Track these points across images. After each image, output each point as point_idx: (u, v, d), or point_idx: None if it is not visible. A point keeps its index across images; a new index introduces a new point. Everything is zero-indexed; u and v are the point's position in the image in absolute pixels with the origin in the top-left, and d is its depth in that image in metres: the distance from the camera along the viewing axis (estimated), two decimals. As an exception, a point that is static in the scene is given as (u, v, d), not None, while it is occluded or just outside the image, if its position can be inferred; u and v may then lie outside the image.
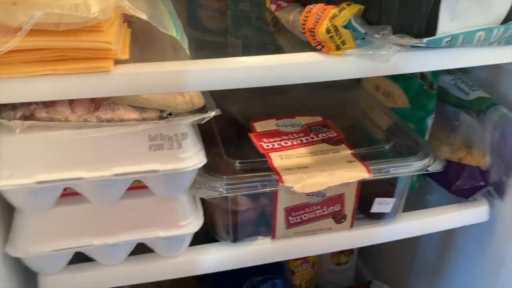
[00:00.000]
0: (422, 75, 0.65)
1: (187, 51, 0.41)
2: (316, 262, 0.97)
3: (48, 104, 0.43)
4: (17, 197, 0.45)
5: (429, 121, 0.65)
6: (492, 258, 0.70)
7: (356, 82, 0.77)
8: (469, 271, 0.75)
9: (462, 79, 0.66)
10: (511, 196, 0.65)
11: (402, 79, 0.69)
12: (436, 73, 0.62)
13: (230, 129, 0.65)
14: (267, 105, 0.73)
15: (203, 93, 0.50)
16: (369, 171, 0.53)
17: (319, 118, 0.65)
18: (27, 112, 0.42)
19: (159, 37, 0.55)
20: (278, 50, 0.62)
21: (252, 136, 0.60)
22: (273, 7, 0.61)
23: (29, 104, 0.43)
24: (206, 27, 0.78)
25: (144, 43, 0.51)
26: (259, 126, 0.63)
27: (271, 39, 0.67)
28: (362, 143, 0.61)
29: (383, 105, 0.70)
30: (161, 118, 0.44)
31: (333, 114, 0.67)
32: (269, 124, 0.63)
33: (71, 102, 0.43)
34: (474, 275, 0.74)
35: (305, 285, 0.98)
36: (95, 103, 0.44)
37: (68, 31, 0.39)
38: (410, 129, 0.64)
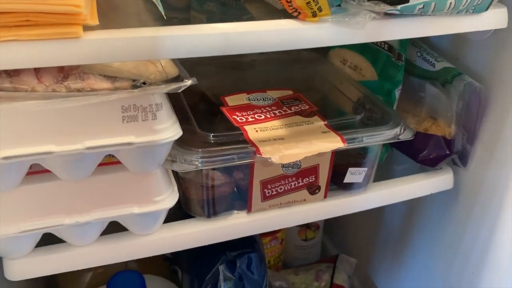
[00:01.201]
0: (389, 47, 0.66)
1: (163, 13, 0.39)
2: (284, 238, 0.98)
3: (12, 74, 0.40)
4: (-21, 175, 0.42)
5: (397, 93, 0.67)
6: (455, 224, 0.72)
7: (323, 56, 0.78)
8: (433, 239, 0.78)
9: (427, 50, 0.67)
10: (474, 164, 0.67)
11: (369, 52, 0.70)
12: (404, 44, 0.63)
13: (200, 104, 0.63)
14: (235, 80, 0.72)
15: (175, 63, 0.49)
16: (343, 141, 0.54)
17: (290, 92, 0.65)
18: (-12, 82, 0.39)
19: (123, 7, 0.53)
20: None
21: (224, 110, 0.59)
22: (242, -24, 0.60)
23: (-10, 73, 0.39)
24: (167, 3, 0.75)
25: (107, 12, 0.48)
26: (231, 100, 0.62)
27: (236, 13, 0.65)
28: (334, 115, 0.61)
29: (352, 78, 0.70)
30: (135, 87, 0.42)
31: (302, 88, 0.67)
32: (240, 98, 0.62)
33: (37, 71, 0.41)
34: (438, 242, 0.77)
35: (273, 261, 0.98)
36: (63, 72, 0.41)
37: (34, -7, 0.36)
38: (380, 100, 0.65)
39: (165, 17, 0.40)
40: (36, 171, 0.46)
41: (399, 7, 0.47)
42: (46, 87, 0.40)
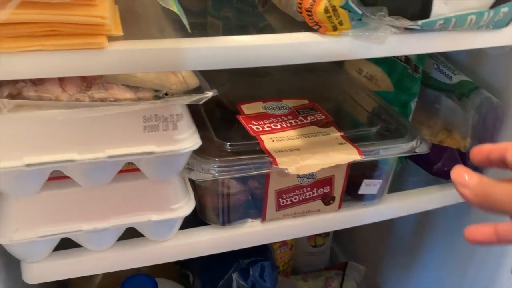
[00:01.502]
0: (406, 58, 0.66)
1: (188, 27, 0.40)
2: (293, 244, 0.98)
3: (37, 82, 0.41)
4: (2, 181, 0.42)
5: (413, 105, 0.67)
6: (467, 237, 0.72)
7: (338, 66, 0.78)
8: (445, 250, 0.78)
9: (444, 63, 0.67)
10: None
11: (385, 63, 0.70)
12: (422, 57, 0.63)
13: (217, 111, 0.63)
14: (251, 88, 0.72)
15: (196, 73, 0.49)
16: (360, 153, 0.54)
17: (306, 101, 0.65)
18: (14, 90, 0.40)
19: (143, 15, 0.54)
20: (261, 32, 0.61)
21: (241, 118, 0.60)
22: (262, -14, 0.60)
23: (15, 82, 0.40)
24: (184, 8, 0.76)
25: (129, 21, 0.49)
26: (247, 108, 0.62)
27: (253, 20, 0.66)
28: (350, 126, 0.61)
29: (367, 88, 0.71)
30: (157, 98, 0.42)
31: (317, 97, 0.67)
32: (256, 107, 0.63)
33: (61, 81, 0.41)
34: (451, 254, 0.76)
35: (283, 267, 0.99)
36: (87, 82, 0.42)
37: (60, 4, 0.36)
38: (395, 111, 0.65)
39: (189, 30, 0.40)
40: (56, 177, 0.46)
41: (420, 22, 0.47)
42: (70, 96, 0.41)
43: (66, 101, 0.40)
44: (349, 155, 0.53)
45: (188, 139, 0.46)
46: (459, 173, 0.38)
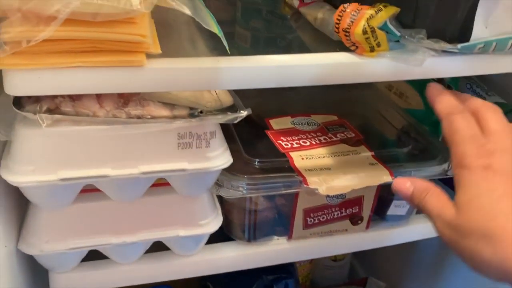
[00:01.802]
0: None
1: (228, 49, 0.40)
2: (313, 258, 0.98)
3: (75, 98, 0.41)
4: (36, 194, 0.43)
5: (444, 124, 0.65)
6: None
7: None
8: (470, 274, 0.76)
9: (478, 83, 0.66)
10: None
11: (416, 80, 0.69)
12: (456, 77, 0.62)
13: (245, 125, 0.63)
14: (279, 101, 0.72)
15: (229, 90, 0.49)
16: (391, 175, 0.53)
17: (335, 117, 0.64)
18: (52, 105, 0.40)
19: (175, 28, 0.54)
20: (289, 44, 0.61)
21: (269, 133, 0.59)
22: (296, 2, 0.60)
23: (54, 97, 0.40)
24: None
25: (162, 34, 0.49)
26: (275, 123, 0.62)
27: (282, 33, 0.66)
28: (380, 144, 0.60)
29: (397, 106, 0.70)
30: (193, 116, 0.42)
31: (346, 112, 0.66)
32: (284, 122, 0.62)
33: (98, 97, 0.41)
34: (475, 278, 0.75)
35: (302, 280, 0.98)
36: (124, 98, 0.42)
37: (102, 22, 0.36)
38: (426, 130, 0.64)
39: (228, 52, 0.40)
40: (87, 190, 0.47)
41: (459, 46, 0.46)
42: (107, 112, 0.41)
43: (103, 117, 0.40)
44: (381, 176, 0.52)
45: (220, 157, 0.46)
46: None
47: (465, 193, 0.39)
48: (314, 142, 0.58)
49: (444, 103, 0.44)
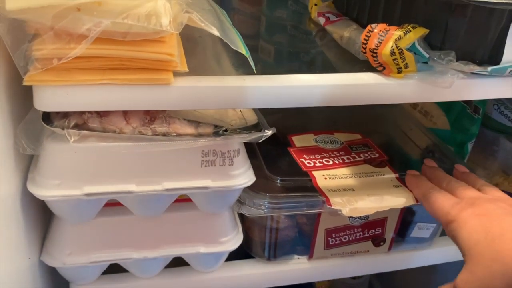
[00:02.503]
0: (465, 98, 0.64)
1: (254, 69, 0.40)
2: (332, 275, 0.96)
3: (102, 114, 0.41)
4: (61, 208, 0.43)
5: (470, 145, 0.64)
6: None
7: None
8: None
9: (506, 104, 0.65)
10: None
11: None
12: (484, 99, 0.61)
13: (268, 142, 0.63)
14: (301, 117, 0.71)
15: (253, 109, 0.49)
16: (416, 198, 0.52)
17: (359, 136, 0.64)
18: (80, 121, 0.40)
19: (200, 44, 0.54)
20: (313, 59, 0.61)
21: (292, 151, 0.59)
22: (322, 20, 0.60)
23: (82, 113, 0.41)
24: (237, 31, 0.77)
25: (189, 51, 0.49)
26: (298, 140, 0.62)
27: (305, 47, 0.66)
28: (404, 165, 0.59)
29: (421, 125, 0.69)
30: (217, 134, 0.42)
31: (369, 130, 0.66)
32: (307, 139, 0.62)
33: (125, 113, 0.42)
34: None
35: (320, 298, 0.97)
36: (150, 115, 0.42)
37: (131, 40, 0.37)
38: (451, 151, 0.63)
39: (255, 72, 0.40)
40: (110, 204, 0.47)
41: (489, 68, 0.45)
42: (133, 129, 0.41)
43: (129, 134, 0.40)
44: (405, 199, 0.52)
45: (243, 175, 0.46)
46: None
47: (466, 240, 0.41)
48: (337, 162, 0.58)
49: (420, 187, 0.50)
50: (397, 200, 0.51)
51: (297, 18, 0.74)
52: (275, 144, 0.63)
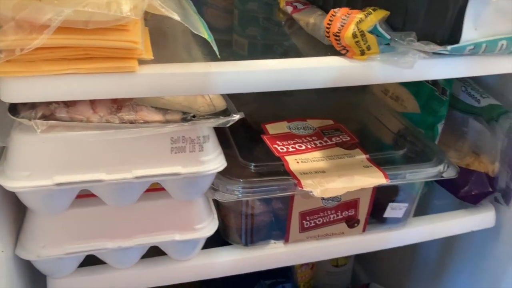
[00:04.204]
0: (433, 80, 0.66)
1: (218, 53, 0.40)
2: (314, 264, 0.97)
3: (69, 104, 0.42)
4: (32, 199, 0.43)
5: (440, 127, 0.66)
6: (495, 264, 0.70)
7: (364, 85, 0.77)
8: (470, 276, 0.76)
9: (472, 85, 0.66)
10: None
11: (412, 84, 0.69)
12: (450, 80, 0.63)
13: (241, 131, 0.64)
14: (275, 106, 0.72)
15: (222, 94, 0.50)
16: (386, 177, 0.53)
17: (331, 122, 0.65)
18: (47, 111, 0.41)
19: (171, 36, 0.55)
20: (286, 51, 0.62)
21: (265, 138, 0.60)
22: (289, 8, 0.61)
23: (48, 103, 0.41)
24: (210, 25, 0.77)
25: (158, 41, 0.50)
26: (271, 128, 0.62)
27: (278, 39, 0.66)
28: (375, 148, 0.61)
29: (393, 110, 0.70)
30: (185, 120, 0.43)
31: (342, 117, 0.67)
32: (281, 127, 0.63)
33: (92, 102, 0.42)
34: (476, 280, 0.74)
35: (303, 286, 0.98)
36: (117, 104, 0.43)
37: (94, 29, 0.37)
38: (422, 134, 0.64)
39: (219, 57, 0.41)
40: (83, 195, 0.47)
41: (449, 47, 0.46)
42: (101, 117, 0.41)
43: (96, 122, 0.41)
44: (375, 178, 0.53)
45: (214, 161, 0.46)
46: None
47: None
48: (309, 146, 0.59)
49: None
50: (367, 180, 0.52)
51: (268, 9, 0.75)
52: (250, 132, 0.63)
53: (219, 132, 0.59)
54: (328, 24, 0.47)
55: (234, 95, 0.50)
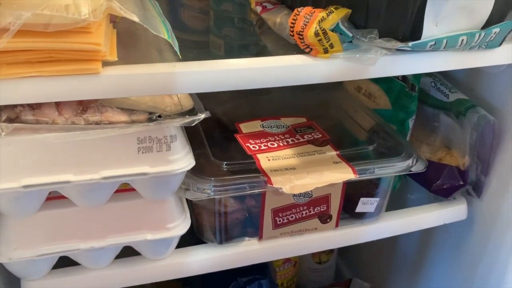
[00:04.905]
0: (403, 77, 0.67)
1: (179, 53, 0.41)
2: (297, 261, 0.98)
3: (34, 107, 0.42)
4: (1, 202, 0.44)
5: (410, 122, 0.67)
6: (469, 255, 0.72)
7: (338, 84, 0.78)
8: (447, 267, 0.77)
9: (442, 81, 0.67)
10: (488, 195, 0.67)
11: (383, 81, 0.70)
12: (418, 75, 0.64)
13: (215, 130, 0.65)
14: (251, 106, 0.73)
15: (191, 94, 0.50)
16: (354, 172, 0.54)
17: (304, 119, 0.66)
18: (12, 114, 0.41)
19: (143, 38, 0.55)
20: (261, 51, 0.63)
21: (238, 137, 0.61)
22: (258, 9, 0.61)
23: (14, 106, 0.42)
24: (187, 26, 0.78)
25: (129, 43, 0.50)
26: (245, 127, 0.63)
27: (254, 39, 0.67)
28: (347, 144, 0.62)
29: (366, 107, 0.71)
30: (150, 120, 0.43)
31: (316, 115, 0.68)
32: (254, 125, 0.64)
33: (58, 104, 0.43)
34: (452, 271, 0.76)
35: (286, 284, 0.98)
36: (83, 105, 0.43)
37: (56, 32, 0.38)
38: (393, 130, 0.65)
39: (180, 56, 0.41)
40: (54, 197, 0.48)
41: (410, 44, 0.47)
42: (66, 119, 0.42)
43: (62, 124, 0.41)
44: (344, 174, 0.54)
45: (182, 160, 0.47)
46: None
47: None
48: (281, 144, 0.59)
49: None
50: (336, 175, 0.53)
51: (242, 10, 0.75)
52: (224, 132, 0.64)
53: (193, 132, 0.59)
54: (292, 23, 0.48)
55: (210, 95, 0.51)
